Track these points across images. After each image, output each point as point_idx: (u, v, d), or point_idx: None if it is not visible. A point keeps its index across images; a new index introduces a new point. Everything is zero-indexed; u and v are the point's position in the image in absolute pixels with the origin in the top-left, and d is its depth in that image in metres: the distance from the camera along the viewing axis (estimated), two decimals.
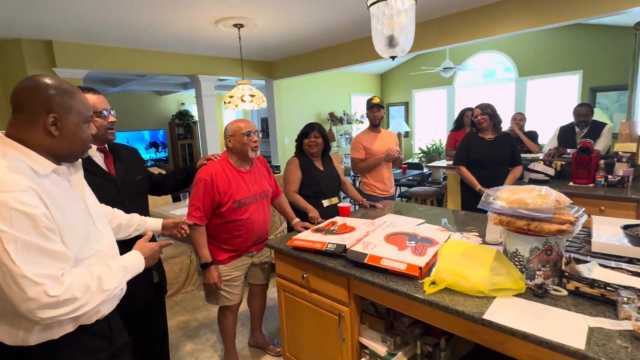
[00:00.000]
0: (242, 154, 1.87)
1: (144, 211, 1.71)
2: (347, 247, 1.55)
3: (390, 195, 2.98)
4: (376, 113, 2.88)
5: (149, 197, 3.17)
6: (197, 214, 1.80)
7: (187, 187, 1.98)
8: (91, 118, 1.09)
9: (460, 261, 1.31)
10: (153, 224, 1.46)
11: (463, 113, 4.11)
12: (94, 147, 1.56)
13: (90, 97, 1.50)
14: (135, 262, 1.15)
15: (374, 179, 2.93)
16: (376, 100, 2.86)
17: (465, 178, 2.84)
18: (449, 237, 1.64)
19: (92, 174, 1.51)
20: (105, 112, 1.53)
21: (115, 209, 1.43)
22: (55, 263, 0.95)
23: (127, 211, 1.56)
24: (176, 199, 3.93)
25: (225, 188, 1.81)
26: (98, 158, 1.58)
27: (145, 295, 1.67)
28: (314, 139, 2.39)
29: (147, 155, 8.16)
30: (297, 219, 2.11)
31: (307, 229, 1.97)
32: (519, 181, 3.10)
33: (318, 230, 1.80)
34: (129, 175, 1.66)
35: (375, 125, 2.92)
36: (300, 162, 2.41)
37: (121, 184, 1.60)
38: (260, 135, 1.92)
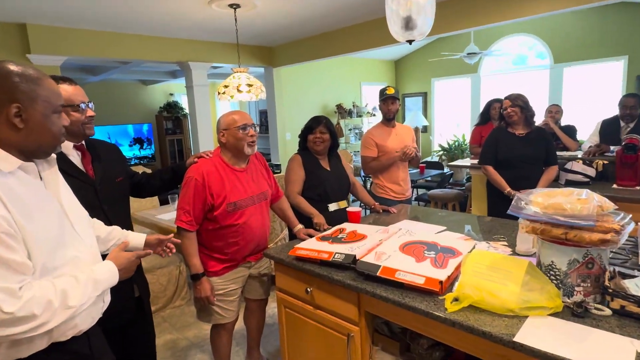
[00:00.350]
0: (237, 150, 1.87)
1: (126, 217, 1.72)
2: (357, 258, 1.54)
3: (406, 198, 2.98)
4: (390, 106, 2.88)
5: (132, 199, 3.19)
6: (186, 219, 1.81)
7: (175, 188, 1.99)
8: (61, 108, 1.07)
9: (487, 275, 1.29)
10: (135, 239, 1.44)
11: (490, 105, 4.08)
12: (70, 144, 1.56)
13: (66, 88, 1.51)
14: (107, 274, 1.12)
15: (388, 180, 2.93)
16: (390, 91, 2.86)
17: (492, 179, 2.83)
18: (473, 247, 1.62)
19: (68, 174, 1.51)
20: (82, 105, 1.53)
21: (95, 219, 1.42)
22: (13, 275, 0.92)
23: (107, 217, 1.57)
24: (164, 202, 3.95)
25: (218, 189, 1.81)
26: (74, 156, 1.58)
27: (125, 311, 1.67)
28: (320, 135, 2.39)
29: (130, 152, 8.24)
30: (300, 225, 2.11)
31: (311, 236, 1.97)
32: (555, 183, 3.07)
33: (324, 239, 1.80)
34: (109, 176, 1.66)
35: (389, 119, 2.92)
36: (304, 161, 2.41)
37: (100, 186, 1.60)
38: (258, 129, 1.92)
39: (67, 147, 1.56)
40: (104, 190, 1.61)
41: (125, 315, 1.68)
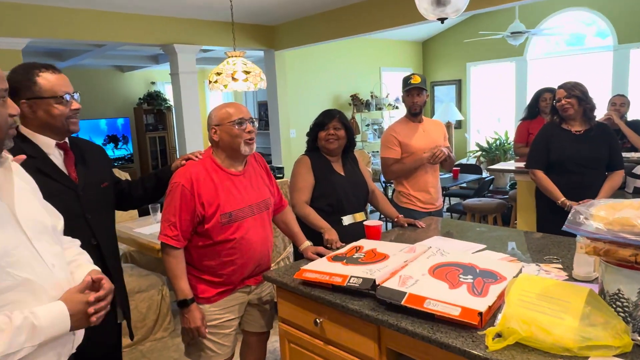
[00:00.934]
0: (232, 149, 1.88)
1: (111, 229, 1.75)
2: (377, 283, 1.54)
3: (436, 209, 2.98)
4: (416, 98, 2.87)
5: None
6: (172, 233, 1.81)
7: (160, 199, 2.01)
8: (4, 93, 1.06)
9: (537, 305, 1.28)
10: (79, 275, 1.33)
11: (539, 96, 4.07)
12: (52, 142, 1.59)
13: (48, 78, 1.54)
14: (52, 321, 1.05)
15: (414, 188, 2.92)
16: (416, 80, 2.86)
17: (543, 187, 2.81)
18: (520, 271, 1.61)
19: (49, 177, 1.54)
20: (67, 97, 1.56)
21: (72, 239, 1.42)
22: None
23: (90, 227, 1.60)
24: (144, 213, 3.99)
25: (210, 197, 1.82)
26: (56, 156, 1.61)
27: (105, 339, 1.68)
28: (334, 132, 2.40)
29: None
30: (307, 242, 2.12)
31: (321, 256, 1.97)
32: (620, 191, 3.04)
33: (336, 259, 1.79)
34: (94, 181, 1.69)
35: (415, 113, 2.92)
36: (313, 163, 2.42)
37: (83, 191, 1.63)
38: (257, 124, 1.93)
39: (49, 145, 1.59)
40: (88, 196, 1.64)
41: (104, 344, 1.69)
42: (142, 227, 3.26)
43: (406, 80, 2.88)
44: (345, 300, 1.56)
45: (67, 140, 1.65)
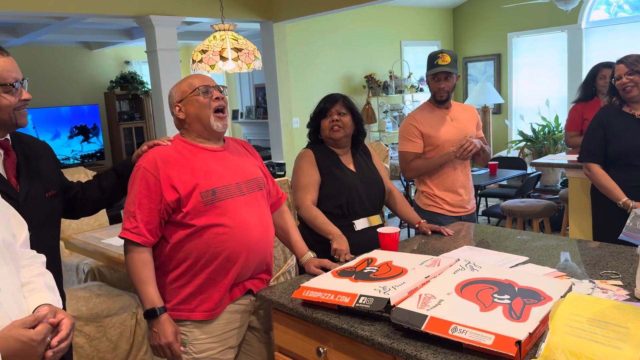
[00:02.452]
0: (201, 125, 1.92)
1: (53, 248, 1.73)
2: (392, 303, 1.54)
3: (468, 213, 2.98)
4: (443, 83, 2.87)
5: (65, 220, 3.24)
6: (130, 225, 1.81)
7: (122, 198, 2.02)
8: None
9: (589, 332, 1.26)
10: (30, 305, 1.29)
11: (596, 72, 4.03)
12: None
13: None
14: None
15: (440, 187, 2.93)
16: (445, 60, 2.84)
17: (600, 184, 2.78)
18: (569, 289, 1.59)
19: None
20: (16, 85, 1.56)
21: (36, 253, 1.40)
22: None
23: (30, 243, 1.58)
24: (115, 219, 4.00)
25: (184, 177, 1.84)
26: None
27: None
28: (338, 118, 2.42)
29: (67, 149, 8.40)
30: (310, 254, 2.12)
31: (326, 270, 1.97)
32: None
33: (344, 274, 1.80)
34: (39, 190, 1.68)
35: (442, 101, 2.92)
36: (318, 158, 2.44)
37: (24, 202, 1.62)
38: (226, 93, 1.99)
39: None
40: (31, 209, 1.62)
41: None
42: (112, 238, 3.27)
43: (432, 60, 2.86)
44: (354, 324, 1.56)
45: (8, 137, 1.64)
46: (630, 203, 2.65)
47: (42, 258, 1.39)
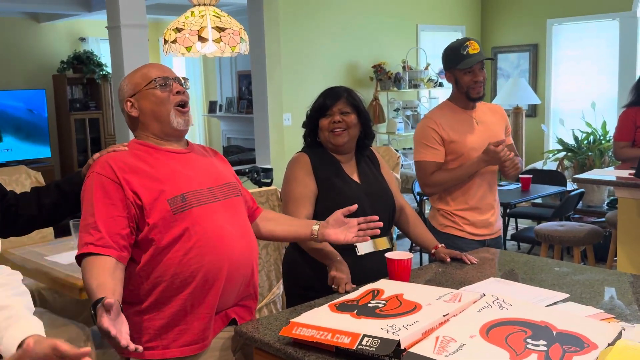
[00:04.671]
0: (159, 123, 1.95)
1: None
2: (402, 346, 1.53)
3: (493, 237, 3.01)
4: (478, 75, 2.88)
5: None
6: (92, 238, 1.76)
7: (62, 220, 2.02)
8: None
9: None
10: (12, 338, 1.31)
11: None
12: None
13: None
14: None
15: (461, 203, 2.96)
16: (476, 48, 2.86)
17: None
18: (619, 335, 1.59)
19: None
20: None
21: (10, 270, 1.41)
22: None
23: None
24: (63, 232, 3.97)
25: (144, 179, 1.85)
26: None
27: None
28: (341, 119, 2.42)
29: (3, 144, 8.32)
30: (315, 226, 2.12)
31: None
32: None
33: (344, 308, 1.79)
34: None
35: (474, 98, 2.94)
36: (314, 164, 2.45)
37: None
38: (188, 86, 2.02)
39: None
40: None
41: None
42: (58, 254, 3.25)
43: (459, 51, 2.88)
44: None
45: None
46: None
47: (18, 276, 1.40)
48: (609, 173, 4.18)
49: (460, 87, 2.92)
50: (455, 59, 2.88)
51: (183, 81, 2.00)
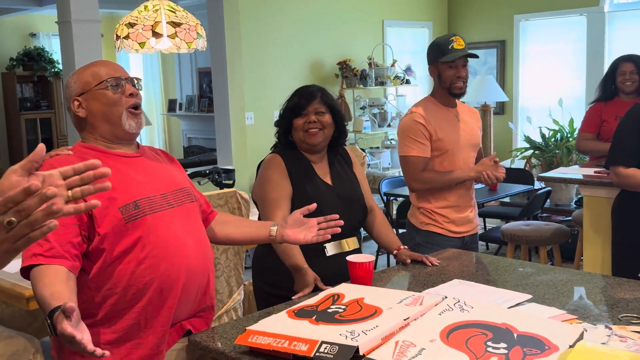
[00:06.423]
0: (109, 125, 1.93)
1: None
2: (360, 353, 1.53)
3: (471, 234, 3.12)
4: (461, 70, 2.97)
5: None
6: (43, 248, 1.71)
7: None
8: None
9: None
10: None
11: (616, 67, 4.15)
12: None
13: None
14: None
15: (442, 201, 3.02)
16: (461, 44, 2.95)
17: (634, 185, 2.84)
18: (580, 337, 1.61)
19: None
20: None
21: None
22: None
23: None
24: None
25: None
26: None
27: None
28: (316, 118, 2.44)
29: None
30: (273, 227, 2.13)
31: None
32: None
33: (303, 314, 1.79)
34: None
35: (457, 94, 3.03)
36: (288, 166, 2.47)
37: None
38: (141, 87, 2.00)
39: None
40: None
41: None
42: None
43: (444, 45, 2.95)
44: None
45: None
46: None
47: None
48: (575, 171, 4.25)
49: (442, 81, 2.99)
50: (439, 52, 2.95)
51: (136, 82, 1.98)
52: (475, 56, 3.01)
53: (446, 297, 1.82)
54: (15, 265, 3.10)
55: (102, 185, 1.06)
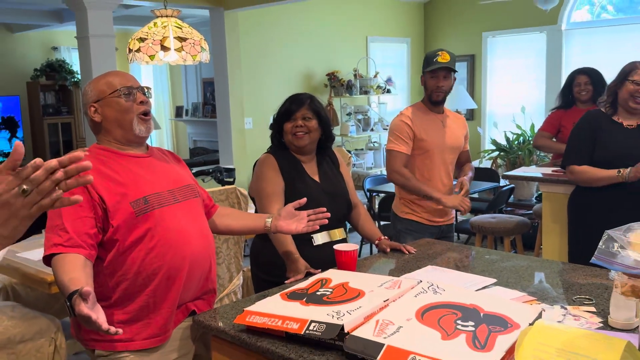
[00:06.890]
0: (122, 130, 1.92)
1: None
2: (345, 330, 1.54)
3: (447, 223, 3.18)
4: (442, 81, 3.01)
5: None
6: (62, 239, 1.71)
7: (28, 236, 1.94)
8: None
9: None
10: None
11: (572, 80, 4.18)
12: None
13: None
14: None
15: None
16: (445, 58, 2.98)
17: (594, 178, 2.83)
18: (539, 316, 1.62)
19: None
20: None
21: None
22: None
23: None
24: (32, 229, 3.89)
25: (107, 183, 1.82)
26: None
27: None
28: (303, 123, 2.44)
29: None
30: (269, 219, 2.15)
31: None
32: None
33: (294, 296, 1.80)
34: None
35: (437, 102, 3.07)
36: (280, 164, 2.47)
37: None
38: (151, 95, 2.00)
39: None
40: None
41: None
42: (29, 251, 3.19)
43: (431, 58, 3.00)
44: (304, 354, 1.56)
45: None
46: (625, 172, 2.70)
47: None
48: (535, 170, 4.31)
49: (426, 89, 3.05)
50: (426, 63, 3.02)
51: (146, 90, 1.98)
52: (454, 70, 3.01)
53: (421, 281, 1.83)
54: (38, 253, 3.11)
55: (85, 180, 1.09)
